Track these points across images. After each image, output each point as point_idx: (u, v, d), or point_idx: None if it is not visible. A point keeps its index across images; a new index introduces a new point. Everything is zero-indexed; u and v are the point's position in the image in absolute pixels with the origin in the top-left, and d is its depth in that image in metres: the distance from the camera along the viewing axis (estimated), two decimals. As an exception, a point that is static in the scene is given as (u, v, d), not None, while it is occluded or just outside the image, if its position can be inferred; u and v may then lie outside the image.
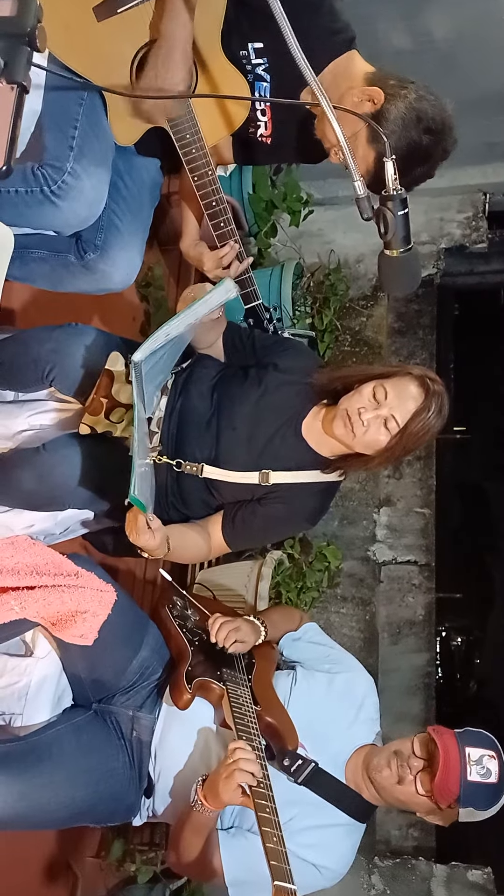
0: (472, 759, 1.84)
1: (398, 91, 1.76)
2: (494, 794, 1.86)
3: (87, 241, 2.03)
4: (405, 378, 1.87)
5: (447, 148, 1.82)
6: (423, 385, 1.85)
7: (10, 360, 1.99)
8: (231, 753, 1.70)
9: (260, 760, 1.73)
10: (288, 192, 3.48)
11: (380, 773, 1.92)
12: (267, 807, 1.63)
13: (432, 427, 1.85)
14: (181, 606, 2.14)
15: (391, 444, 1.84)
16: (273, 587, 3.06)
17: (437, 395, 1.85)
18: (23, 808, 1.74)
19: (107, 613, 1.78)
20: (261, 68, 1.87)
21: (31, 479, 1.84)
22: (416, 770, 1.89)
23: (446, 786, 1.83)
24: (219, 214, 1.93)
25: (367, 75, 1.82)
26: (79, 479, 1.85)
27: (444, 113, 1.79)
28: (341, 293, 3.72)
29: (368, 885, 3.25)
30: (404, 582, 3.80)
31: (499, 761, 1.87)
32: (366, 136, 1.73)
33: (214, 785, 1.70)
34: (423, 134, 1.76)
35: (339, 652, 2.22)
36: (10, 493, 1.88)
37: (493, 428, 4.82)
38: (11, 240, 1.34)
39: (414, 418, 1.83)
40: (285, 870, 1.50)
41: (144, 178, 2.10)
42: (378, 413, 1.83)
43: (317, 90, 1.33)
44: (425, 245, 3.85)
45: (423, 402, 1.83)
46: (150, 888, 2.78)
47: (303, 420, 1.98)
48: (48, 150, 1.78)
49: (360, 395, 1.86)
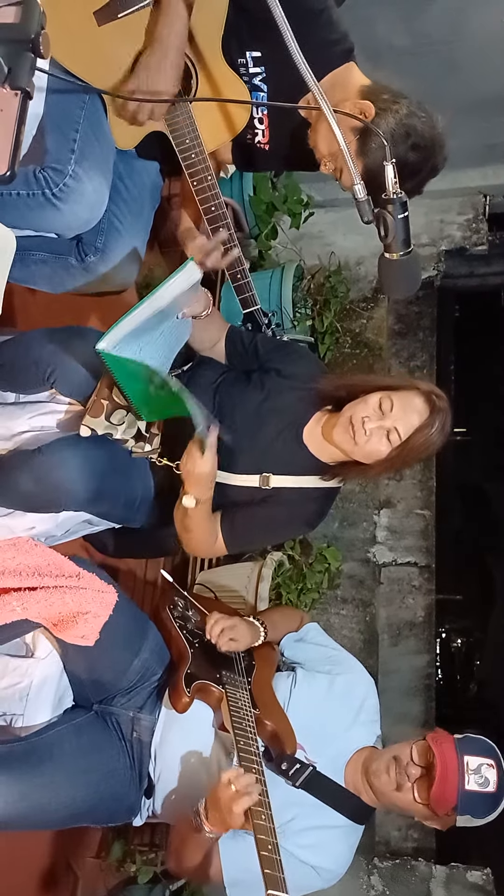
0: (471, 767, 1.84)
1: (390, 106, 1.77)
2: (492, 802, 1.86)
3: (87, 244, 2.04)
4: (412, 392, 1.87)
5: (436, 165, 1.83)
6: (429, 401, 1.86)
7: (11, 361, 2.00)
8: (236, 782, 1.68)
9: (258, 774, 1.73)
10: (288, 195, 3.48)
11: (378, 778, 1.92)
12: (263, 814, 1.64)
13: (433, 443, 1.87)
14: (182, 607, 2.15)
15: (391, 455, 1.85)
16: (273, 588, 3.06)
17: (442, 413, 1.86)
18: (23, 808, 1.74)
19: (108, 614, 1.78)
20: (258, 78, 1.88)
21: (29, 481, 1.84)
22: (413, 778, 1.89)
23: (443, 796, 1.83)
24: (218, 220, 1.94)
25: (362, 88, 1.83)
26: (76, 482, 1.85)
27: (433, 131, 1.79)
28: (341, 295, 3.72)
29: (368, 886, 3.25)
30: (404, 583, 3.80)
31: (497, 770, 1.86)
32: (356, 147, 1.73)
33: (218, 813, 1.70)
34: (409, 150, 1.76)
35: (341, 653, 2.23)
36: (8, 495, 1.89)
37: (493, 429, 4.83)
38: (13, 242, 1.35)
39: (416, 433, 1.84)
40: (279, 878, 1.51)
41: (145, 181, 2.11)
42: (382, 424, 1.84)
43: (318, 95, 1.34)
44: (425, 247, 3.85)
45: (428, 418, 1.84)
46: (151, 889, 2.78)
47: (304, 425, 1.98)
48: (50, 153, 1.78)
49: (365, 405, 1.86)
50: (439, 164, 1.83)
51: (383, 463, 1.87)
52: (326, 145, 1.84)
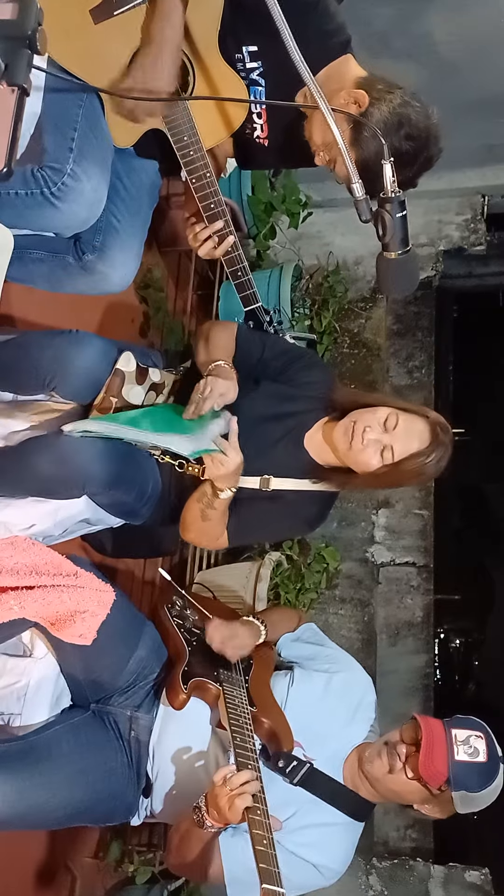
0: (459, 739, 1.85)
1: (384, 95, 1.76)
2: (486, 773, 1.85)
3: (85, 243, 2.04)
4: (419, 418, 1.89)
5: (430, 156, 1.82)
6: (433, 431, 1.87)
7: (9, 363, 1.99)
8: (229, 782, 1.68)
9: (255, 771, 1.73)
10: (287, 194, 3.48)
11: (371, 764, 1.92)
12: (258, 809, 1.64)
13: (425, 473, 1.89)
14: (180, 606, 2.15)
15: (379, 471, 1.86)
16: (271, 588, 3.06)
17: (442, 446, 1.87)
18: (21, 807, 1.74)
19: (105, 613, 1.78)
20: (255, 73, 1.88)
21: (50, 463, 1.83)
22: (404, 756, 1.89)
23: (432, 763, 1.82)
24: (217, 217, 1.94)
25: (358, 79, 1.82)
26: (98, 463, 1.84)
27: (428, 120, 1.78)
28: (340, 295, 3.72)
29: (366, 886, 3.25)
30: (403, 583, 3.80)
31: (486, 741, 1.87)
32: (349, 137, 1.72)
33: (217, 808, 1.70)
34: (403, 140, 1.75)
35: (337, 652, 2.23)
36: (25, 480, 1.87)
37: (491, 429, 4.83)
38: (11, 241, 1.35)
39: (411, 458, 1.85)
40: (274, 873, 1.51)
41: (143, 180, 2.11)
42: (380, 438, 1.85)
43: (314, 90, 1.34)
44: (424, 247, 3.85)
45: (427, 447, 1.86)
46: (148, 889, 2.77)
47: (307, 430, 1.99)
48: (48, 152, 1.78)
49: (372, 415, 1.87)
50: (434, 156, 1.82)
51: (370, 476, 1.88)
52: (320, 135, 1.83)
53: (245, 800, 1.64)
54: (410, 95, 1.78)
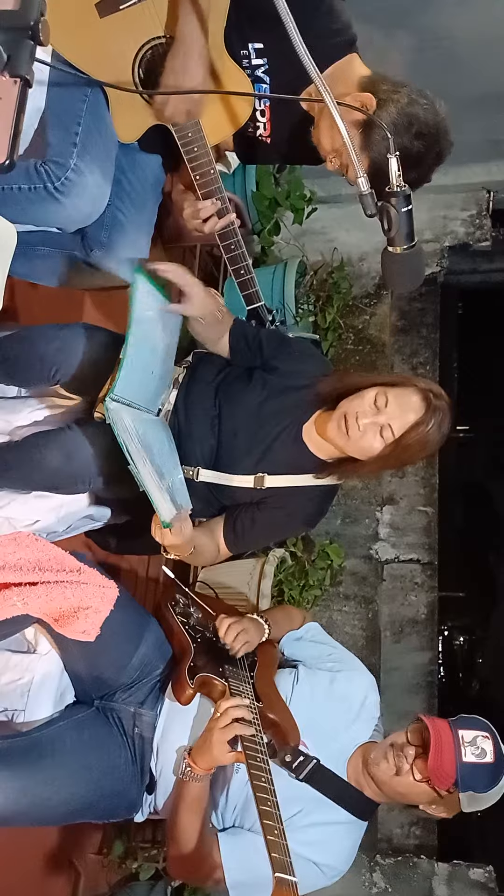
0: (466, 740, 1.84)
1: (390, 95, 1.75)
2: (492, 774, 1.85)
3: (92, 239, 2.04)
4: (409, 389, 1.86)
5: (441, 152, 1.80)
6: (425, 399, 1.84)
7: (15, 356, 1.99)
8: (219, 707, 1.73)
9: (253, 713, 1.76)
10: (291, 190, 3.47)
11: (377, 766, 1.91)
12: (268, 800, 1.63)
13: (430, 441, 1.85)
14: (184, 604, 2.14)
15: (385, 452, 1.84)
16: (275, 585, 3.06)
17: (439, 411, 1.84)
18: (25, 803, 1.74)
19: (109, 609, 1.78)
20: (260, 70, 1.86)
21: (58, 456, 1.83)
22: (411, 758, 1.88)
23: (441, 766, 1.82)
24: (221, 213, 1.93)
25: (362, 80, 1.81)
26: (106, 456, 1.85)
27: (437, 117, 1.77)
28: (344, 291, 3.72)
29: (370, 883, 3.25)
30: (407, 580, 3.80)
31: (493, 741, 1.86)
32: (360, 142, 1.72)
33: (204, 744, 1.72)
34: (413, 139, 1.74)
35: (341, 651, 2.22)
36: (33, 473, 1.87)
37: (495, 426, 4.83)
38: (14, 236, 1.34)
39: (411, 430, 1.82)
40: (286, 862, 1.50)
41: (148, 175, 2.10)
42: (375, 420, 1.83)
43: (320, 85, 1.33)
44: (429, 243, 3.85)
45: (423, 416, 1.82)
46: (152, 885, 2.78)
47: (304, 424, 1.98)
48: (51, 146, 1.78)
49: (360, 400, 1.85)
50: (444, 151, 1.81)
51: (378, 460, 1.86)
52: (329, 141, 1.82)
53: (232, 729, 1.67)
54: (417, 92, 1.77)
